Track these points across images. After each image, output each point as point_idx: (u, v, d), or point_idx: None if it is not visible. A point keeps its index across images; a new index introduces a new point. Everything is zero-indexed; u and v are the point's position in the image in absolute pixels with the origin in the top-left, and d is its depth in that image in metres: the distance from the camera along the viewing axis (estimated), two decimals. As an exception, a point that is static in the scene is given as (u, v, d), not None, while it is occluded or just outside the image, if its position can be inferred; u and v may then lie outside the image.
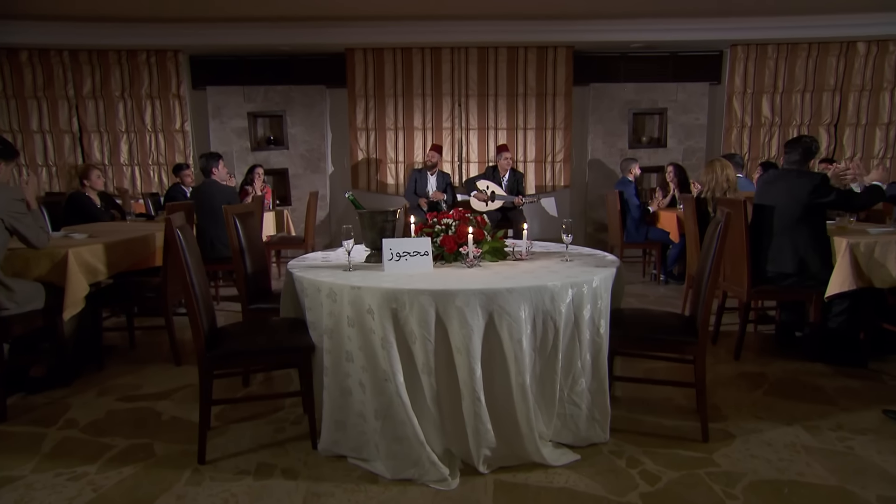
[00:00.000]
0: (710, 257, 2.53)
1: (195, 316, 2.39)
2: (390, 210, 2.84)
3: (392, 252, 2.61)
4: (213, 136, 7.57)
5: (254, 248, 3.32)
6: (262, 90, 7.57)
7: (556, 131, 7.62)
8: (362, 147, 7.62)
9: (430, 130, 7.60)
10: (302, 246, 6.43)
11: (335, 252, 3.32)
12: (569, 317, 2.40)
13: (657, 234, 6.09)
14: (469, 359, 2.24)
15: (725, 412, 2.87)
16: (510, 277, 2.46)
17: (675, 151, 7.68)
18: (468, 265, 2.70)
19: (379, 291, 2.26)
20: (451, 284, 2.33)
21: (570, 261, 2.86)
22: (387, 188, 7.68)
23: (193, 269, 2.44)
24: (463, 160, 7.70)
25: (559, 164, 7.70)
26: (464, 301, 2.23)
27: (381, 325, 2.26)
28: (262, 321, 2.83)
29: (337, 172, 7.91)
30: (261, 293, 3.32)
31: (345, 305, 2.33)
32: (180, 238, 2.39)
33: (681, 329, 2.66)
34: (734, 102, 7.52)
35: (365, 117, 7.57)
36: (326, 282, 2.40)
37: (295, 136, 7.66)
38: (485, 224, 2.95)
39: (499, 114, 7.60)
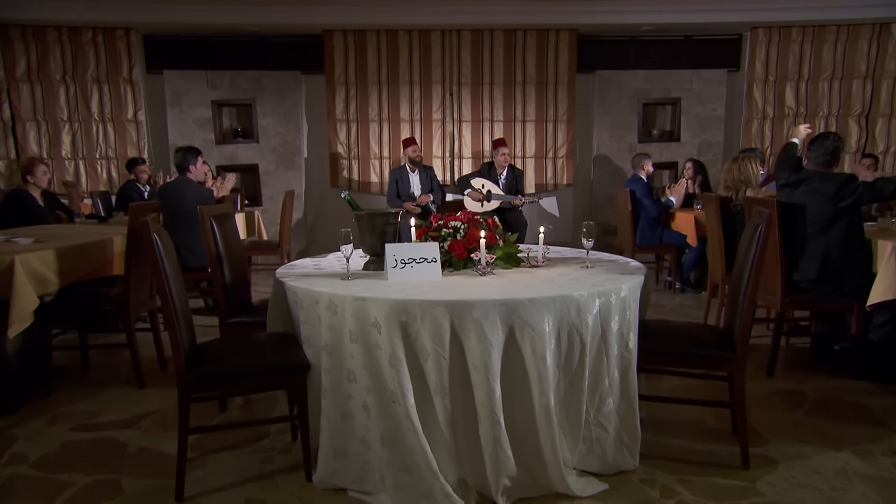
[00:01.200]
0: (750, 263, 2.56)
1: (175, 332, 2.37)
2: (392, 212, 2.84)
3: (396, 259, 2.61)
4: (172, 127, 7.50)
5: (232, 255, 3.30)
6: (228, 75, 7.53)
7: (558, 124, 7.68)
8: (342, 141, 7.61)
9: (419, 122, 7.62)
10: (276, 251, 6.40)
11: (326, 259, 3.31)
12: (595, 329, 2.42)
13: (672, 237, 6.16)
14: (488, 377, 2.24)
15: (764, 435, 2.90)
16: (530, 286, 2.48)
17: (689, 146, 7.78)
18: (480, 273, 2.71)
19: (386, 303, 2.26)
20: (466, 294, 2.33)
21: (590, 267, 2.89)
22: (370, 187, 7.67)
23: (173, 278, 2.42)
24: (455, 156, 7.73)
25: (561, 161, 7.76)
26: (482, 313, 2.24)
27: (388, 340, 2.26)
28: (246, 338, 2.82)
29: (313, 169, 7.88)
30: (240, 306, 3.29)
31: (347, 318, 2.33)
32: (158, 244, 2.36)
33: (716, 343, 2.69)
34: (755, 91, 7.65)
35: (345, 107, 7.56)
36: (325, 292, 2.39)
37: (266, 127, 7.63)
38: (496, 227, 2.96)
39: (495, 104, 7.64)
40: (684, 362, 2.71)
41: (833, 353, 3.94)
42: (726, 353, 2.59)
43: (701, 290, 6.15)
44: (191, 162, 4.92)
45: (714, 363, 2.62)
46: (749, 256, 2.59)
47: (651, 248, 6.23)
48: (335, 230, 7.86)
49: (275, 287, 2.79)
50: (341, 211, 7.82)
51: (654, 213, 6.11)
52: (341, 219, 7.84)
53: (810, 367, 3.81)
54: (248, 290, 3.44)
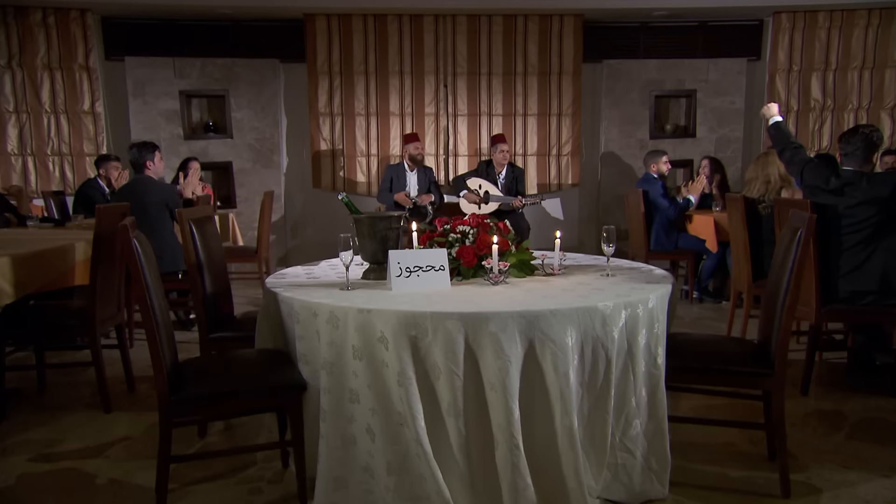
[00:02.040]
0: (788, 271, 2.59)
1: (157, 348, 2.35)
2: (394, 215, 2.84)
3: (401, 266, 2.61)
4: (135, 121, 7.46)
5: (214, 263, 3.29)
6: (198, 63, 7.50)
7: (562, 118, 7.72)
8: (325, 136, 7.60)
9: (410, 116, 7.63)
10: (253, 259, 6.38)
11: (318, 267, 3.31)
12: (621, 344, 2.43)
13: (689, 241, 6.20)
14: (506, 397, 2.25)
15: (803, 460, 2.92)
16: (549, 297, 2.49)
17: (705, 142, 7.85)
18: (493, 282, 2.71)
19: (394, 315, 2.26)
20: (481, 305, 2.34)
21: (611, 276, 2.91)
22: (356, 187, 7.67)
23: (154, 289, 2.40)
24: (450, 153, 7.74)
25: (566, 159, 7.80)
26: (499, 326, 2.24)
27: (396, 356, 2.26)
28: (232, 355, 2.81)
29: (293, 167, 7.87)
30: (223, 319, 3.29)
31: (350, 333, 2.32)
32: (138, 250, 2.35)
33: (750, 358, 2.71)
34: (777, 82, 7.75)
35: (329, 100, 7.55)
36: (325, 304, 2.38)
37: (241, 121, 7.61)
38: (508, 232, 2.97)
39: (493, 97, 7.67)
40: (716, 380, 2.72)
41: (873, 368, 3.97)
42: (763, 370, 2.61)
43: (720, 299, 6.19)
44: (147, 157, 4.90)
45: (750, 381, 2.64)
46: (787, 263, 2.61)
47: (666, 253, 6.26)
48: (318, 235, 7.97)
49: (265, 298, 2.78)
50: (325, 214, 7.81)
51: (672, 214, 6.14)
52: (324, 223, 7.83)
53: (848, 385, 3.84)
54: (230, 302, 3.44)
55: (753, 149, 7.95)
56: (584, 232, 8.03)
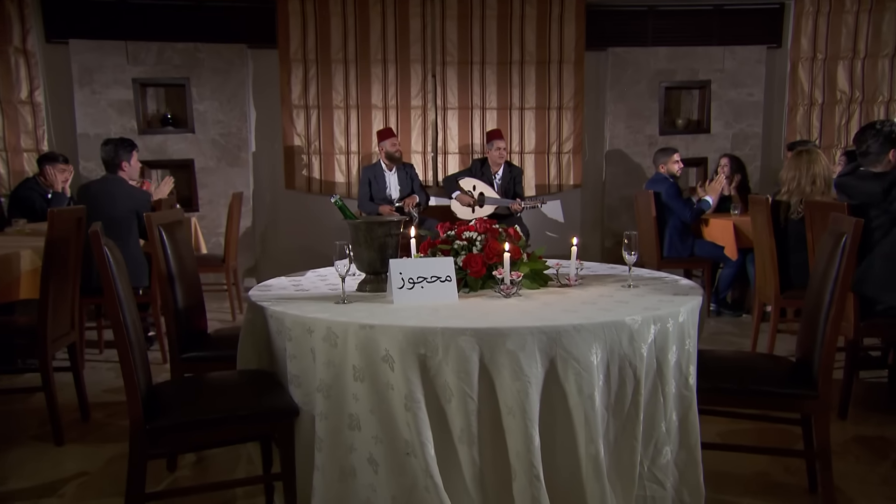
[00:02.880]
0: (832, 281, 2.62)
1: (131, 370, 2.33)
2: (394, 220, 2.86)
3: (403, 277, 2.62)
4: (81, 112, 7.38)
5: (186, 275, 3.30)
6: (154, 48, 7.44)
7: (562, 112, 7.76)
8: (300, 132, 7.59)
9: (394, 110, 7.64)
10: (220, 268, 6.35)
11: (306, 278, 3.32)
12: (650, 363, 2.45)
13: (705, 248, 6.25)
14: (525, 422, 2.25)
15: (849, 493, 2.94)
16: (570, 310, 2.50)
17: (721, 138, 7.92)
18: (505, 294, 2.72)
19: (401, 331, 2.26)
20: (496, 320, 2.35)
21: (633, 287, 2.93)
22: (334, 188, 7.66)
23: (127, 304, 2.39)
24: (439, 151, 7.75)
25: (567, 157, 7.83)
26: (518, 343, 2.25)
27: (403, 377, 2.26)
28: (212, 377, 2.81)
29: (263, 166, 7.83)
30: (196, 337, 3.29)
31: (350, 352, 2.33)
32: (110, 261, 2.33)
33: (789, 378, 2.73)
34: (800, 72, 7.82)
35: (303, 90, 7.54)
36: (322, 319, 2.38)
37: (203, 114, 7.57)
38: (519, 238, 2.98)
39: (487, 88, 7.70)
40: (752, 402, 2.75)
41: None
42: (805, 391, 2.64)
43: (740, 312, 6.25)
44: (124, 158, 4.87)
45: (790, 403, 2.66)
46: (831, 273, 2.64)
47: (681, 261, 6.30)
48: (291, 242, 7.94)
49: (249, 313, 2.77)
50: (299, 219, 7.77)
51: (688, 217, 6.18)
52: (299, 229, 7.79)
53: (890, 407, 3.87)
54: (203, 318, 3.44)
55: (773, 145, 8.03)
56: (588, 237, 8.06)
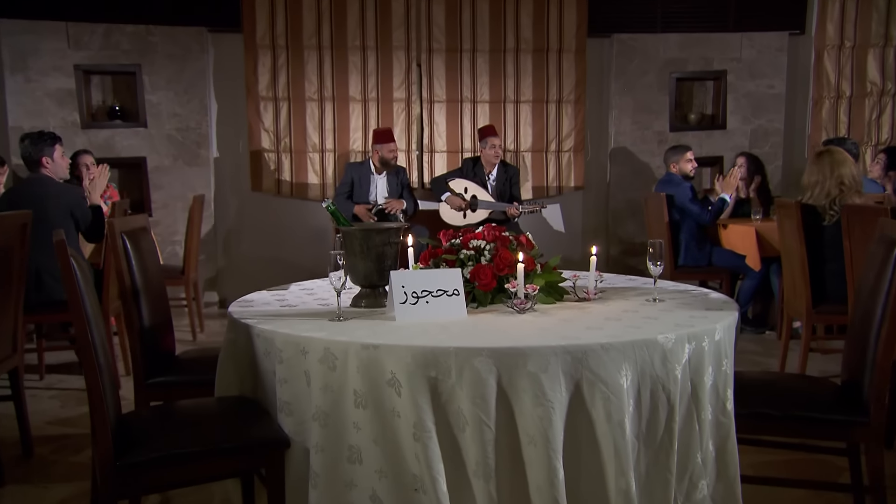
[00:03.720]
0: (884, 294, 2.64)
1: (100, 398, 2.31)
2: (393, 227, 2.86)
3: (406, 291, 2.62)
4: (13, 103, 7.29)
5: (152, 288, 3.29)
6: (100, 30, 7.38)
7: (562, 106, 7.81)
8: (268, 127, 7.57)
9: (375, 102, 7.65)
10: (179, 281, 6.31)
11: (290, 291, 3.32)
12: (685, 386, 2.47)
13: (724, 257, 6.30)
14: (548, 453, 2.26)
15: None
16: (594, 327, 2.52)
17: (738, 135, 8.00)
18: (518, 309, 2.73)
19: (409, 352, 2.26)
20: (514, 339, 2.36)
21: (660, 301, 2.96)
22: (307, 191, 7.65)
23: (95, 322, 2.37)
24: (424, 149, 7.76)
25: (567, 156, 7.88)
26: (540, 364, 2.26)
27: (412, 403, 2.26)
28: (187, 405, 2.81)
29: (226, 165, 7.80)
30: (163, 360, 3.28)
31: (351, 375, 2.32)
32: (77, 273, 2.31)
33: (835, 403, 2.76)
34: (825, 61, 7.90)
35: (272, 80, 7.53)
36: (317, 338, 2.38)
37: (157, 106, 7.53)
38: (531, 247, 2.99)
39: (478, 79, 7.73)
40: (793, 429, 2.77)
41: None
42: (855, 417, 2.66)
43: (763, 328, 6.29)
44: (45, 152, 4.86)
45: (838, 430, 2.69)
46: (882, 285, 2.66)
47: (697, 271, 6.34)
48: (258, 252, 7.91)
49: (230, 332, 2.76)
50: (266, 225, 7.75)
51: (707, 219, 6.23)
52: (266, 236, 7.76)
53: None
54: (171, 338, 3.44)
55: (796, 143, 8.12)
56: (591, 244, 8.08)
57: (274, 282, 7.76)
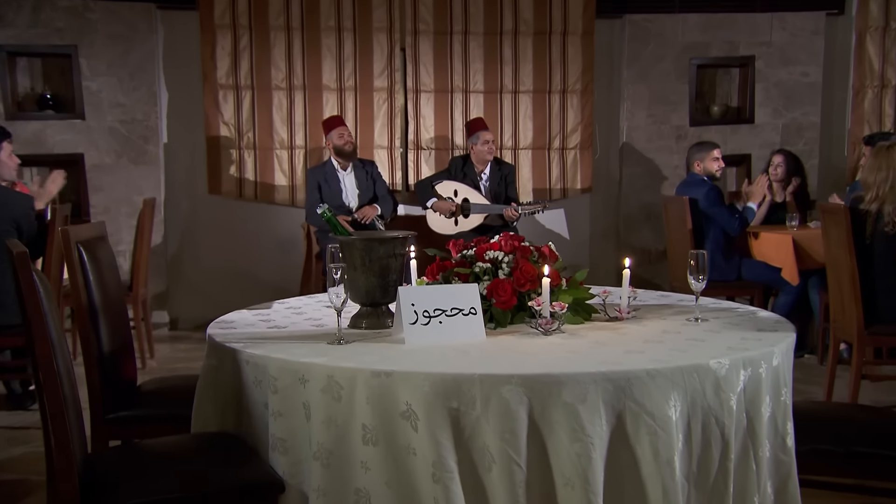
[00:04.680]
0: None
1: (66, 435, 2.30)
2: (399, 236, 2.86)
3: (417, 310, 2.62)
4: (-79, 89, 7.26)
5: (112, 306, 3.29)
6: (28, 4, 7.32)
7: (567, 97, 7.85)
8: (228, 119, 7.56)
9: (352, 92, 7.66)
10: (127, 299, 6.24)
11: (273, 310, 3.33)
12: (740, 418, 2.48)
13: (756, 270, 6.34)
14: (587, 496, 2.25)
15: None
16: (634, 351, 2.54)
17: (767, 129, 8.08)
18: (544, 330, 2.74)
19: (427, 380, 2.26)
20: (546, 364, 2.37)
21: (702, 320, 2.99)
22: (274, 193, 7.64)
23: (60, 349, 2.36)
24: (409, 146, 7.77)
25: (573, 154, 7.92)
26: (577, 393, 2.26)
27: (430, 439, 2.25)
28: (161, 443, 2.80)
29: (178, 164, 7.78)
30: (124, 391, 3.29)
31: (359, 406, 2.32)
32: (40, 292, 2.29)
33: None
34: (868, 44, 7.96)
35: (233, 66, 7.52)
36: (319, 365, 2.38)
37: (97, 94, 7.50)
38: (555, 259, 3.01)
39: (471, 66, 7.76)
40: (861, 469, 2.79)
41: None
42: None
43: (801, 351, 6.32)
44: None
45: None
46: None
47: (725, 286, 6.34)
48: (215, 264, 7.87)
49: (211, 359, 2.76)
50: (226, 233, 7.73)
51: (735, 228, 6.26)
52: (226, 246, 7.74)
53: None
54: (133, 365, 3.47)
55: (834, 139, 8.20)
56: (600, 254, 8.12)
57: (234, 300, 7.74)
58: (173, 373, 5.39)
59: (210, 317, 3.23)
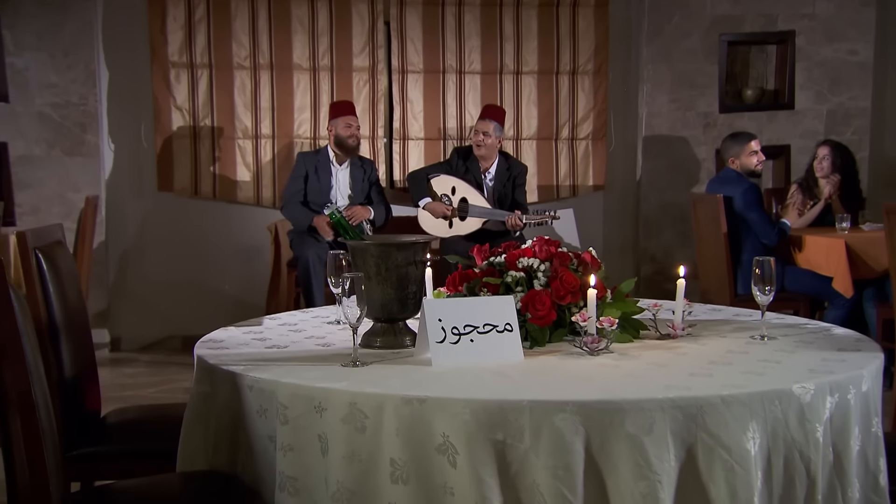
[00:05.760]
0: None
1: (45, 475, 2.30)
2: (419, 241, 2.88)
3: (444, 326, 2.64)
4: None
5: (74, 324, 3.30)
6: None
7: (577, 79, 7.91)
8: (181, 104, 7.56)
9: (327, 72, 7.68)
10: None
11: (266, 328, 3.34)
12: (826, 453, 2.48)
13: (801, 280, 6.39)
14: (654, 542, 2.27)
15: None
16: (700, 373, 2.55)
17: (809, 116, 8.13)
18: (590, 350, 2.76)
19: (468, 407, 2.26)
20: (604, 389, 2.38)
21: (771, 339, 3.02)
22: (236, 190, 7.64)
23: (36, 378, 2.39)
24: (395, 136, 7.78)
25: (584, 145, 7.97)
26: (642, 423, 2.27)
27: (472, 476, 2.26)
28: (141, 485, 2.80)
29: (122, 156, 7.77)
30: (87, 425, 3.30)
31: (387, 439, 2.32)
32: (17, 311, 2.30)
33: None
34: (926, 19, 8.08)
35: (186, 41, 7.53)
36: (339, 390, 2.38)
37: (24, 73, 7.49)
38: (598, 266, 3.03)
39: (466, 42, 7.79)
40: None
41: None
42: None
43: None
44: None
45: None
46: None
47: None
48: (165, 275, 7.87)
49: (201, 384, 2.76)
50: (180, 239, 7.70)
51: (773, 238, 6.31)
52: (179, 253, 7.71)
53: None
54: (97, 393, 3.46)
55: (888, 127, 8.22)
56: (616, 263, 8.14)
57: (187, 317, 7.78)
58: (120, 403, 5.37)
59: (158, 336, 3.25)
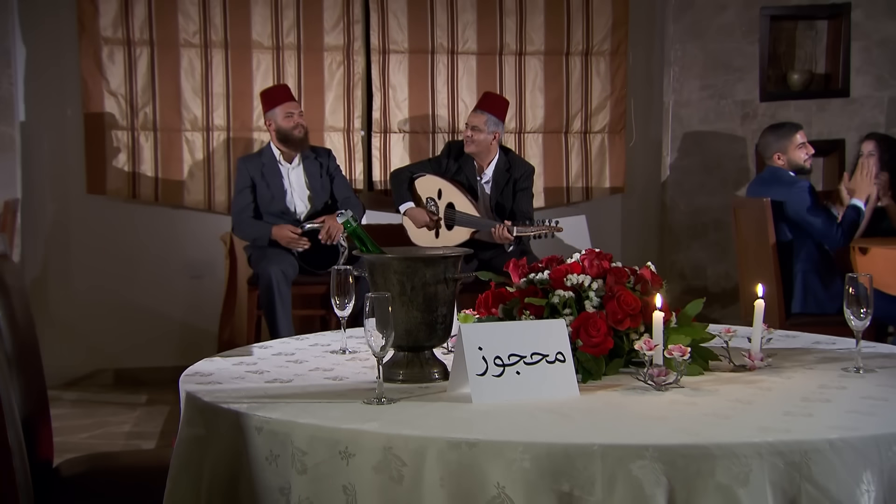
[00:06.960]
0: None
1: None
2: (450, 255, 2.90)
3: (486, 356, 2.65)
4: None
5: (26, 353, 3.32)
6: None
7: (591, 61, 7.97)
8: (116, 89, 7.59)
9: (294, 52, 7.73)
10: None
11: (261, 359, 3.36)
12: (947, 507, 2.53)
13: (863, 297, 6.44)
14: None
15: None
16: (796, 413, 2.57)
17: (868, 105, 8.21)
18: (657, 384, 2.78)
19: (528, 452, 2.27)
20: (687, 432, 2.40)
21: (868, 371, 3.06)
22: (181, 193, 7.66)
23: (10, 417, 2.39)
24: (375, 128, 7.82)
25: (599, 139, 8.03)
26: (735, 472, 2.27)
27: (530, 533, 2.27)
28: None
29: (43, 150, 7.78)
30: (36, 476, 3.25)
31: (430, 490, 2.32)
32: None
33: None
34: None
35: (122, 13, 7.54)
36: (369, 432, 2.39)
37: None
38: (659, 283, 3.06)
39: (459, 17, 7.86)
40: None
41: None
42: None
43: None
44: None
45: None
46: None
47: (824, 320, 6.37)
48: (97, 294, 7.87)
49: (192, 426, 2.76)
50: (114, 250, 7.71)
51: (838, 238, 6.33)
52: (112, 267, 7.71)
53: None
54: (49, 438, 3.48)
55: None
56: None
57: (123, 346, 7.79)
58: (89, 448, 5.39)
59: (86, 370, 3.26)
